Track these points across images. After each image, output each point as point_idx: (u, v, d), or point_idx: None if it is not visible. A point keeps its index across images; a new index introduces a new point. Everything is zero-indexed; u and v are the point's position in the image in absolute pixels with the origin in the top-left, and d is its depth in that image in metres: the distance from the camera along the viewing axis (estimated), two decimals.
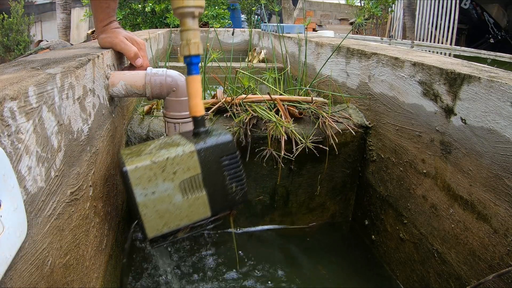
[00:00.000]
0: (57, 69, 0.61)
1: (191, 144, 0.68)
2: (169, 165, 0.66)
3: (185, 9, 0.68)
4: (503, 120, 0.75)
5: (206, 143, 0.68)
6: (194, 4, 0.67)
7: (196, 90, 0.70)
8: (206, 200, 0.69)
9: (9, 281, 0.42)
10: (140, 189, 0.65)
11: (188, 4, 0.67)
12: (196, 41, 0.69)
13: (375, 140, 1.23)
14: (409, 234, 1.07)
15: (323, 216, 1.40)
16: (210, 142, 0.68)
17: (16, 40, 5.67)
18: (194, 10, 0.68)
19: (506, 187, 0.74)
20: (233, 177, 0.70)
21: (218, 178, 0.69)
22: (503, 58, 3.68)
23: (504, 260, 0.74)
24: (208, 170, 0.68)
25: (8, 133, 0.42)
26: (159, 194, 0.66)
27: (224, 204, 0.72)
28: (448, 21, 6.62)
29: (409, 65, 1.04)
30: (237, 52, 3.48)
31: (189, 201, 0.68)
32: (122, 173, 0.64)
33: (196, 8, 0.68)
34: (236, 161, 0.70)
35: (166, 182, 0.66)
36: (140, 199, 0.65)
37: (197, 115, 0.71)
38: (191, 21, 0.69)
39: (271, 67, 2.00)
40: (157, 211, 0.67)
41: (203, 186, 0.68)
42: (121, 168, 0.65)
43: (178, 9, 0.68)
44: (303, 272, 1.17)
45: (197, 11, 0.69)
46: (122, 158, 0.66)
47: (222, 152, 0.69)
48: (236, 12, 6.88)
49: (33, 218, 0.48)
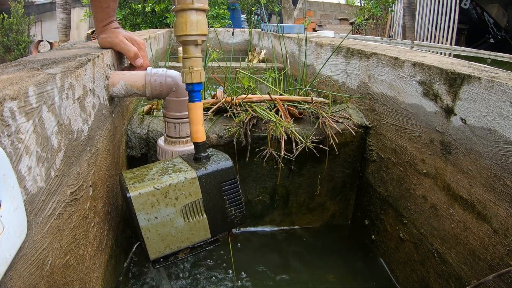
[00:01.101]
0: (57, 69, 0.61)
1: (193, 170, 0.70)
2: (171, 191, 0.68)
3: (188, 37, 0.68)
4: (503, 120, 0.75)
5: (207, 169, 0.70)
6: (197, 32, 0.68)
7: (198, 117, 0.72)
8: (207, 223, 0.72)
9: (9, 281, 0.42)
10: (143, 214, 0.67)
11: (191, 32, 0.68)
12: (198, 69, 0.70)
13: (375, 140, 1.24)
14: (409, 234, 1.07)
15: (323, 216, 1.40)
16: (211, 168, 0.70)
17: (16, 40, 5.67)
18: (197, 39, 0.69)
19: (506, 187, 0.74)
20: (233, 201, 0.73)
21: (218, 202, 0.72)
22: (503, 58, 3.67)
23: (504, 260, 0.74)
24: (209, 195, 0.70)
25: (8, 133, 0.42)
26: (162, 219, 0.68)
27: (224, 226, 0.74)
28: (448, 21, 6.62)
29: (409, 65, 1.04)
30: (237, 52, 3.48)
31: (190, 225, 0.71)
32: (126, 198, 0.66)
33: (199, 36, 0.68)
34: (236, 186, 0.72)
35: (168, 207, 0.68)
36: (143, 224, 0.67)
37: (198, 141, 0.72)
38: (194, 49, 0.70)
39: (271, 67, 2.00)
40: (159, 234, 0.69)
41: (204, 210, 0.71)
42: (125, 193, 0.67)
43: (181, 37, 0.69)
44: (303, 272, 1.17)
45: (200, 39, 0.69)
46: (125, 183, 0.68)
47: (223, 178, 0.71)
48: (236, 12, 6.88)
49: (33, 218, 0.48)
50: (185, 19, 0.67)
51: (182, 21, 0.67)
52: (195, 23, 0.67)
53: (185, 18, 0.67)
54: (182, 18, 0.67)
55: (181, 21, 0.68)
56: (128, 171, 0.74)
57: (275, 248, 1.28)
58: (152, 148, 1.14)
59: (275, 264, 1.20)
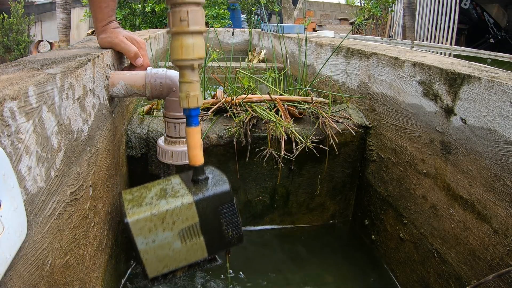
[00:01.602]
0: (57, 69, 0.61)
1: (190, 195, 0.71)
2: (169, 217, 0.69)
3: (184, 62, 0.66)
4: (503, 120, 0.75)
5: (204, 194, 0.71)
6: (194, 56, 0.66)
7: (196, 142, 0.71)
8: (204, 244, 0.73)
9: (9, 281, 0.42)
10: (141, 238, 0.69)
11: (187, 57, 0.65)
12: (195, 94, 0.69)
13: (375, 140, 1.23)
14: (409, 234, 1.07)
15: (323, 216, 1.39)
16: (208, 193, 0.71)
17: (16, 40, 5.67)
18: (193, 63, 0.66)
19: (506, 187, 0.74)
20: (230, 223, 0.74)
21: (215, 224, 0.73)
22: (503, 58, 3.67)
23: (504, 260, 0.74)
24: (205, 218, 0.71)
25: (8, 133, 0.42)
26: (159, 242, 0.70)
27: (221, 246, 0.76)
28: (448, 21, 6.62)
29: (409, 65, 1.04)
30: (237, 52, 3.48)
31: (187, 246, 0.72)
32: (124, 224, 0.68)
33: (195, 60, 0.66)
34: (233, 209, 0.73)
35: (165, 231, 0.70)
36: (142, 247, 0.69)
37: (196, 164, 0.72)
38: (190, 73, 0.68)
39: (271, 67, 2.00)
40: (157, 256, 0.71)
41: (200, 233, 0.72)
42: (123, 218, 0.68)
43: (177, 61, 0.67)
44: (303, 272, 1.17)
45: (196, 63, 0.67)
46: (124, 207, 0.70)
47: (220, 202, 0.72)
48: (236, 12, 6.88)
49: (33, 218, 0.48)
50: (181, 42, 0.64)
51: (178, 44, 0.65)
52: (191, 47, 0.65)
53: (180, 42, 0.65)
54: (178, 42, 0.65)
55: (176, 45, 0.65)
56: (128, 192, 0.75)
57: (275, 248, 1.28)
58: (152, 148, 1.14)
59: (275, 263, 1.20)
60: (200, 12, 0.65)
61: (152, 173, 1.17)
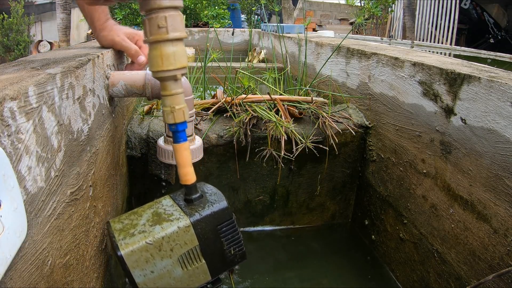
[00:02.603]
0: (57, 69, 0.61)
1: (186, 217, 0.66)
2: (165, 243, 0.65)
3: (166, 73, 0.60)
4: (503, 120, 0.75)
5: (201, 214, 0.67)
6: (176, 66, 0.59)
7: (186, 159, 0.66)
8: (206, 268, 0.69)
9: (9, 281, 0.42)
10: (138, 271, 0.64)
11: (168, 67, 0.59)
12: (180, 107, 0.62)
13: (375, 140, 1.23)
14: (409, 234, 1.07)
15: (323, 216, 1.40)
16: (205, 212, 0.67)
17: (16, 40, 5.67)
18: (176, 73, 0.60)
19: (506, 187, 0.74)
20: (231, 241, 0.70)
21: (216, 245, 0.69)
22: (503, 58, 3.67)
23: (504, 260, 0.74)
24: (205, 240, 0.68)
25: (8, 133, 0.42)
26: (158, 272, 0.66)
27: (224, 267, 0.72)
28: (448, 21, 6.61)
29: (409, 65, 1.04)
30: (237, 52, 3.48)
31: (189, 272, 0.68)
32: (118, 257, 0.63)
33: (178, 70, 0.60)
34: (233, 226, 0.70)
35: (164, 259, 0.65)
36: (139, 280, 0.65)
37: (188, 183, 0.68)
38: (173, 85, 0.61)
39: (271, 67, 2.00)
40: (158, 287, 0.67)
41: (201, 256, 0.68)
42: (115, 251, 0.63)
43: (157, 73, 0.60)
44: (303, 272, 1.17)
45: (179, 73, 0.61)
46: (114, 238, 0.65)
47: (219, 220, 0.68)
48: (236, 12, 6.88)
49: (33, 218, 0.48)
50: (160, 52, 0.58)
51: (157, 54, 0.59)
52: (173, 56, 0.59)
53: (160, 51, 0.58)
54: (157, 51, 0.59)
55: (156, 55, 0.59)
56: (116, 220, 0.70)
57: (274, 248, 1.28)
58: (152, 148, 1.14)
59: (275, 264, 1.20)
60: (179, 17, 0.59)
61: (152, 173, 1.17)
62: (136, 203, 1.25)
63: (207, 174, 1.23)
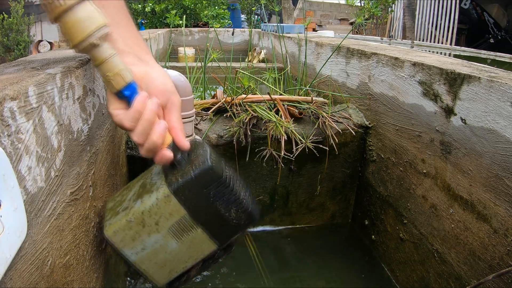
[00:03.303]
0: (57, 69, 0.61)
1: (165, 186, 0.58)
2: (148, 218, 0.59)
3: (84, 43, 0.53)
4: (503, 120, 0.75)
5: (181, 181, 0.57)
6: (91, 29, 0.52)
7: None
8: (205, 236, 0.62)
9: (9, 281, 0.42)
10: (129, 249, 0.60)
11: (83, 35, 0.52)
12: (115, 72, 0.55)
13: (375, 140, 1.24)
14: (409, 234, 1.07)
15: (323, 216, 1.40)
16: (185, 178, 0.57)
17: (16, 40, 5.66)
18: (93, 39, 0.53)
19: (506, 187, 0.74)
20: (227, 203, 0.61)
21: (210, 210, 0.60)
22: (503, 58, 3.67)
23: (504, 260, 0.74)
24: (194, 207, 0.59)
25: (8, 133, 0.42)
26: (151, 248, 0.61)
27: (229, 232, 0.64)
28: (448, 21, 6.62)
29: (409, 65, 1.04)
30: (237, 52, 3.48)
31: (186, 243, 0.62)
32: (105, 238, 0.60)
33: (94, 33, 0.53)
34: (225, 187, 0.60)
35: (152, 235, 0.60)
36: (133, 258, 0.61)
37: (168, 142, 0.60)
38: (99, 51, 0.55)
39: (271, 67, 2.00)
40: (156, 263, 0.62)
41: (195, 224, 0.60)
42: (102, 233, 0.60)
43: (77, 46, 0.54)
44: (303, 272, 1.17)
45: (98, 36, 0.53)
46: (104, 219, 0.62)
47: (204, 183, 0.58)
48: (236, 12, 6.88)
49: (33, 218, 0.48)
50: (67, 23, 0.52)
51: (67, 26, 0.52)
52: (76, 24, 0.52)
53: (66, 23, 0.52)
54: (65, 24, 0.52)
55: (63, 32, 0.53)
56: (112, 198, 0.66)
57: (274, 248, 1.28)
58: None
59: (275, 264, 1.20)
60: None
61: None
62: None
63: None
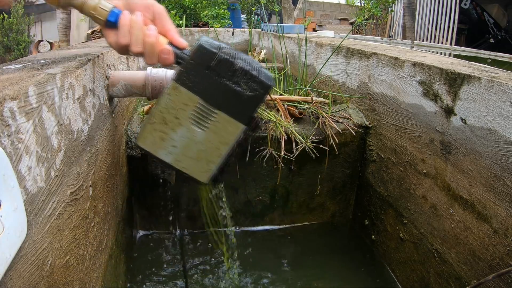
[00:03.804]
0: (57, 69, 0.61)
1: (172, 81, 0.61)
2: (167, 115, 0.62)
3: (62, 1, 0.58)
4: (503, 120, 0.75)
5: (182, 68, 0.60)
6: None
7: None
8: (227, 116, 0.62)
9: (9, 281, 0.42)
10: (162, 151, 0.63)
11: None
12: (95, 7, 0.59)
13: (375, 140, 1.23)
14: (409, 234, 1.07)
15: (323, 216, 1.39)
16: (184, 64, 0.60)
17: (16, 40, 5.66)
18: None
19: (506, 187, 0.74)
20: (233, 76, 0.60)
21: (220, 89, 0.60)
22: (503, 58, 3.67)
23: (504, 260, 0.74)
24: (203, 90, 0.60)
25: (8, 133, 0.42)
26: (180, 143, 0.63)
27: (249, 106, 0.63)
28: (448, 21, 6.61)
29: (409, 65, 1.04)
30: None
31: (212, 130, 0.63)
32: (141, 150, 0.64)
33: None
34: (223, 59, 0.59)
35: (176, 129, 0.62)
36: (169, 159, 0.64)
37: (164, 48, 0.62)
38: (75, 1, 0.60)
39: (271, 67, 2.00)
40: (191, 157, 0.64)
41: (212, 107, 0.61)
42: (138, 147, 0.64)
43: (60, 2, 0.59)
44: (303, 272, 1.17)
45: None
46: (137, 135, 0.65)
47: (202, 62, 0.59)
48: (236, 12, 6.87)
49: (33, 218, 0.48)
50: None
51: None
52: None
53: None
54: None
55: None
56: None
57: (274, 248, 1.28)
58: None
59: (275, 263, 1.20)
60: None
61: (152, 173, 1.17)
62: (136, 203, 1.25)
63: None
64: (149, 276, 1.11)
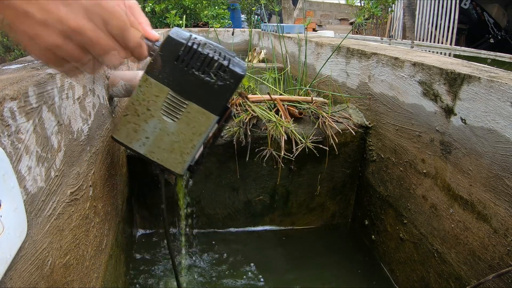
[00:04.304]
0: None
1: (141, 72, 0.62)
2: (139, 107, 0.62)
3: None
4: (503, 120, 0.75)
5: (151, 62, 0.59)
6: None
7: None
8: (198, 107, 0.62)
9: (9, 281, 0.42)
10: (136, 142, 0.64)
11: None
12: None
13: (375, 140, 1.23)
14: (409, 234, 1.07)
15: (323, 216, 1.40)
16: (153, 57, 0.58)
17: None
18: None
19: (506, 187, 0.74)
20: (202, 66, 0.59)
21: (190, 79, 0.60)
22: (503, 58, 3.67)
23: (504, 260, 0.74)
24: (174, 81, 0.60)
25: (8, 133, 0.42)
26: (153, 134, 0.64)
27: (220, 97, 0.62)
28: (448, 21, 6.61)
29: (409, 65, 1.04)
30: (237, 52, 3.46)
31: (184, 121, 0.63)
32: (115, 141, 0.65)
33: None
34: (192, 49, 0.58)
35: (149, 121, 0.63)
36: (143, 150, 0.65)
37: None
38: None
39: (271, 67, 2.00)
40: (165, 148, 0.65)
41: (183, 98, 0.61)
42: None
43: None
44: (303, 272, 1.17)
45: None
46: None
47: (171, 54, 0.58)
48: (236, 12, 6.87)
49: (33, 218, 0.48)
50: None
51: None
52: None
53: None
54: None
55: None
56: None
57: (274, 248, 1.28)
58: None
59: (275, 263, 1.20)
60: None
61: (152, 173, 1.17)
62: (136, 203, 1.25)
63: (207, 174, 1.23)
64: (149, 276, 1.11)
